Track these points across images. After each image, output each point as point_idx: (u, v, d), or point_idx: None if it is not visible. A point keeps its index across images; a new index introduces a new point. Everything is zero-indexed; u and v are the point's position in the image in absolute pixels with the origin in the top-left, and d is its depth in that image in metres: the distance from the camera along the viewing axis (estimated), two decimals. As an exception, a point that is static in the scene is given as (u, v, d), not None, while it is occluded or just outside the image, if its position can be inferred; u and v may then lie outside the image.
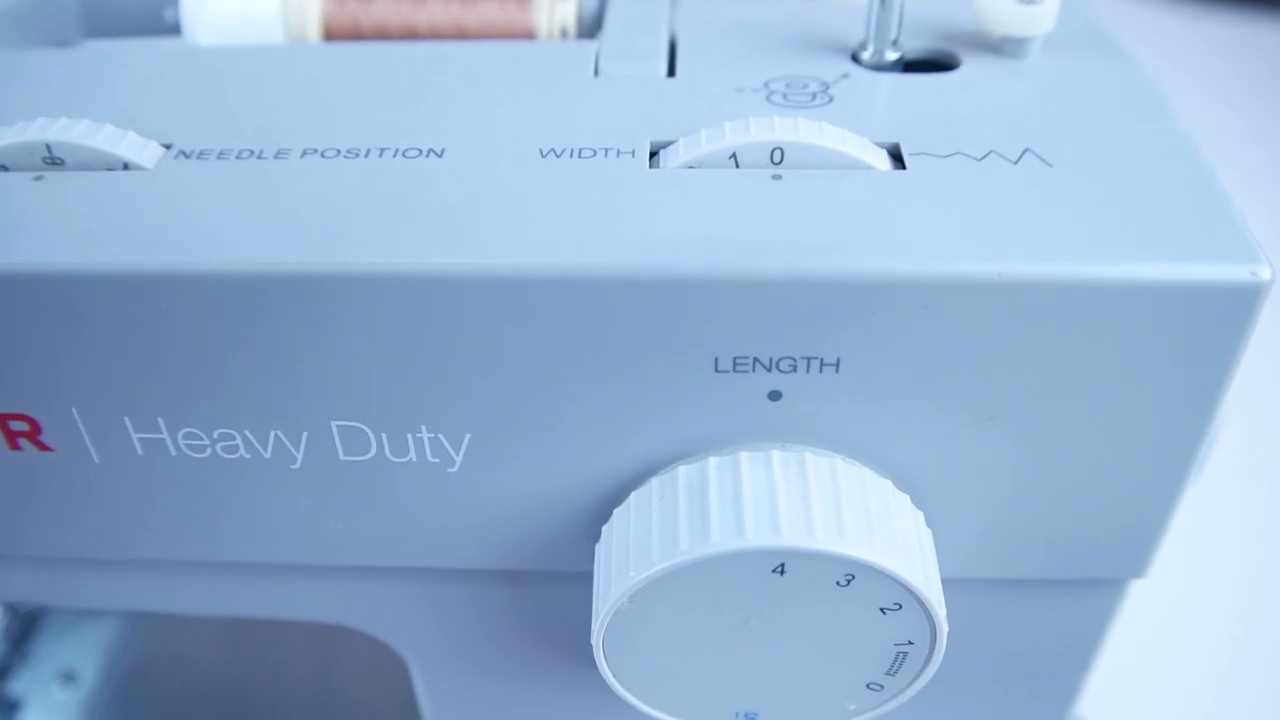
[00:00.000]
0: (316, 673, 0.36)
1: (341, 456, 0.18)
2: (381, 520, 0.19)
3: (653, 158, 0.18)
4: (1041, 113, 0.19)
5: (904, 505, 0.18)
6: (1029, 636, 0.21)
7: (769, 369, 0.17)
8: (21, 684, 0.34)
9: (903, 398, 0.17)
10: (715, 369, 0.17)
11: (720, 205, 0.17)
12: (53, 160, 0.18)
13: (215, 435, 0.18)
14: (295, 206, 0.17)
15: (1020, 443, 0.18)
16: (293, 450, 0.18)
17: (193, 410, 0.18)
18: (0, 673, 0.34)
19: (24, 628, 0.35)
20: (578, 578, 0.20)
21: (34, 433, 0.19)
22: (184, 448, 0.18)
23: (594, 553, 0.19)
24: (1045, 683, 0.23)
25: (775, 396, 0.17)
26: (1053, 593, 0.20)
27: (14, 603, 0.35)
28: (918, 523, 0.18)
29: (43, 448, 0.19)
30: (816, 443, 0.18)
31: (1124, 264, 0.16)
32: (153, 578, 0.22)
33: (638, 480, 0.18)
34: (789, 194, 0.17)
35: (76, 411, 0.18)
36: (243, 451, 0.18)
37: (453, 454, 0.18)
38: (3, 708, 0.33)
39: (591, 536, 0.19)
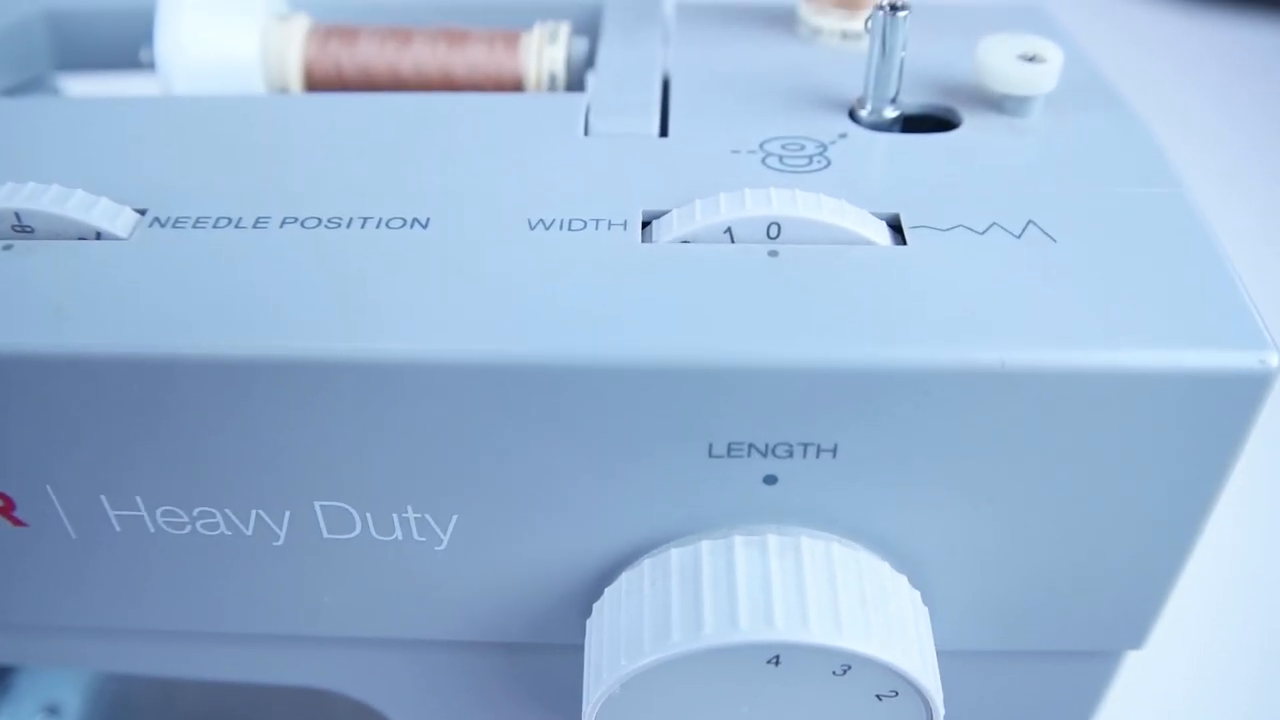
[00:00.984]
0: (304, 703, 0.35)
1: (325, 535, 0.18)
2: (367, 594, 0.19)
3: (645, 228, 0.18)
4: (1044, 178, 0.19)
5: (901, 587, 0.17)
6: (1025, 705, 0.21)
7: (764, 454, 0.16)
8: (4, 718, 0.33)
9: (901, 481, 0.17)
10: (709, 454, 0.16)
11: (714, 286, 0.16)
12: (22, 228, 0.18)
13: (195, 513, 0.18)
14: (274, 285, 0.16)
15: (1020, 522, 0.17)
16: (275, 529, 0.18)
17: (171, 489, 0.17)
18: (-18, 705, 0.34)
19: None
20: (569, 649, 0.19)
21: (8, 508, 0.18)
22: (163, 525, 0.18)
23: (585, 627, 0.18)
24: None
25: (770, 481, 0.17)
26: (1050, 663, 0.20)
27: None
28: (915, 604, 0.18)
29: (17, 523, 0.18)
30: (813, 524, 0.17)
31: (1128, 351, 0.15)
32: (132, 643, 0.21)
33: (629, 558, 0.18)
34: (786, 273, 0.17)
35: (51, 489, 0.18)
36: (224, 529, 0.18)
37: (440, 534, 0.18)
38: (-15, 741, 0.33)
39: (583, 611, 0.19)
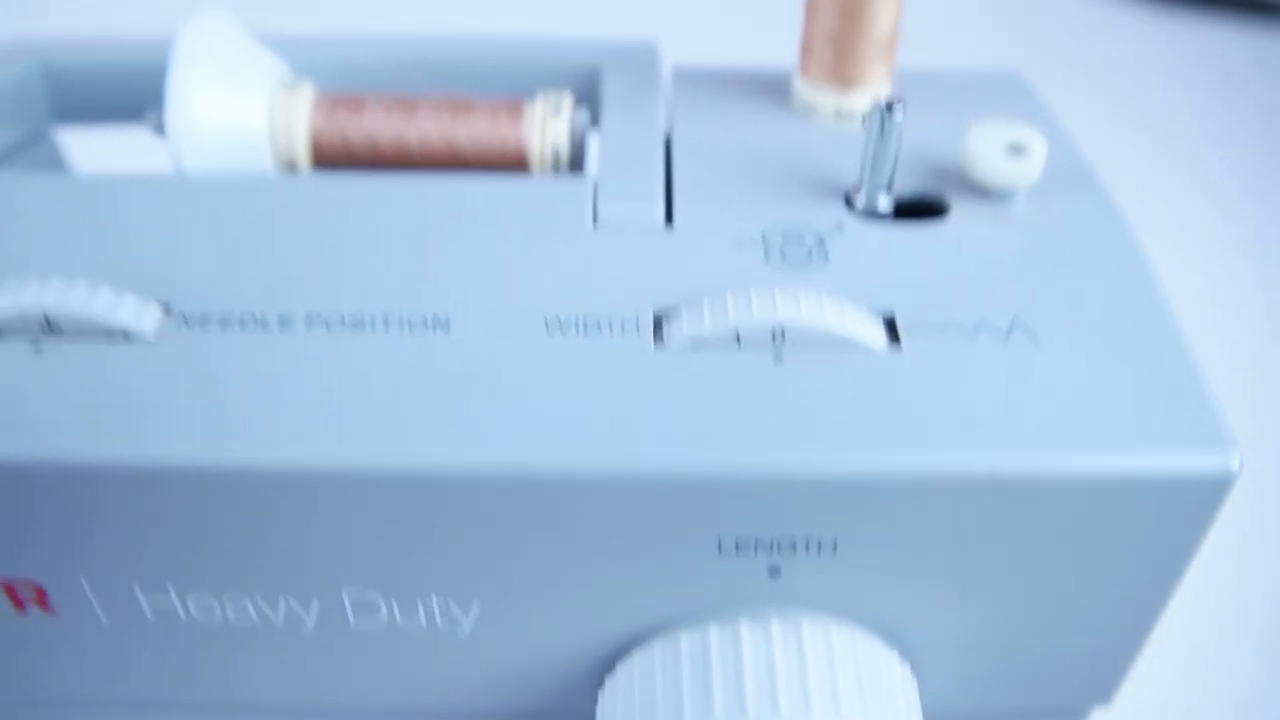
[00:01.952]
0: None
1: (352, 621, 0.19)
2: (389, 673, 0.20)
3: (657, 328, 0.19)
4: (1028, 273, 0.20)
5: (892, 664, 0.19)
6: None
7: (770, 550, 0.18)
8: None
9: (895, 571, 0.18)
10: (718, 551, 0.18)
11: (723, 394, 0.17)
12: (50, 328, 0.18)
13: (226, 601, 0.19)
14: (301, 393, 0.17)
15: (1002, 604, 0.19)
16: (304, 616, 0.19)
17: (203, 580, 0.18)
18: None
19: None
20: (579, 715, 0.20)
21: (40, 598, 0.19)
22: (194, 612, 0.19)
23: (596, 696, 0.20)
24: None
25: (774, 573, 0.18)
26: (1026, 719, 0.22)
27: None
28: (905, 679, 0.19)
29: (49, 609, 0.19)
30: (812, 608, 0.19)
31: (1104, 457, 0.17)
32: (158, 714, 0.22)
33: (642, 636, 0.19)
34: (790, 379, 0.18)
35: (85, 580, 0.18)
36: (254, 616, 0.19)
37: (462, 619, 0.19)
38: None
39: (594, 681, 0.20)
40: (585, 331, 0.18)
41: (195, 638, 0.19)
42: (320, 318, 0.19)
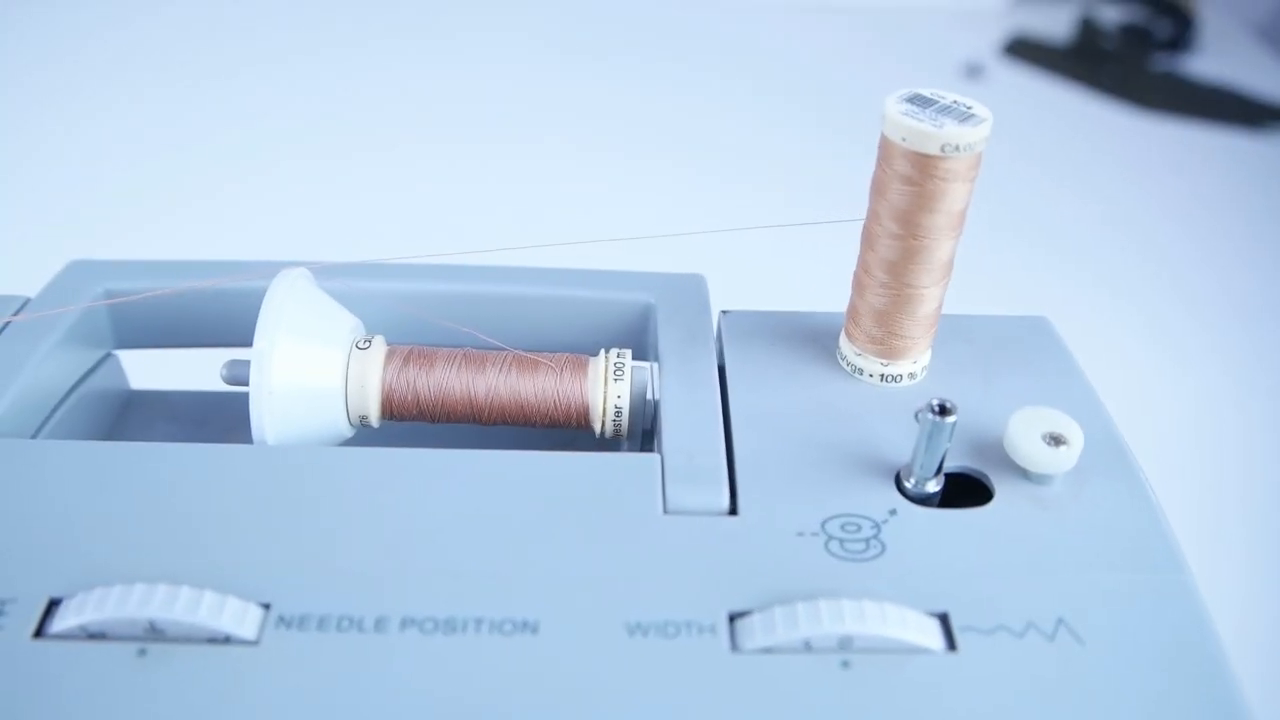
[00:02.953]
0: None
1: None
2: None
3: (732, 623, 0.20)
4: (1071, 567, 0.21)
5: None
6: None
7: None
8: None
9: None
10: None
11: (795, 698, 0.18)
12: (154, 631, 0.19)
13: None
14: (400, 700, 0.18)
15: None
16: None
17: None
18: None
19: None
20: None
21: None
22: None
23: None
24: None
25: None
26: None
27: None
28: None
29: None
30: None
31: None
32: None
33: None
34: (857, 684, 0.19)
35: None
36: None
37: None
38: None
39: None
40: (664, 635, 0.19)
41: None
42: (414, 622, 0.19)
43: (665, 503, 0.22)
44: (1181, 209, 0.97)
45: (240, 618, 0.19)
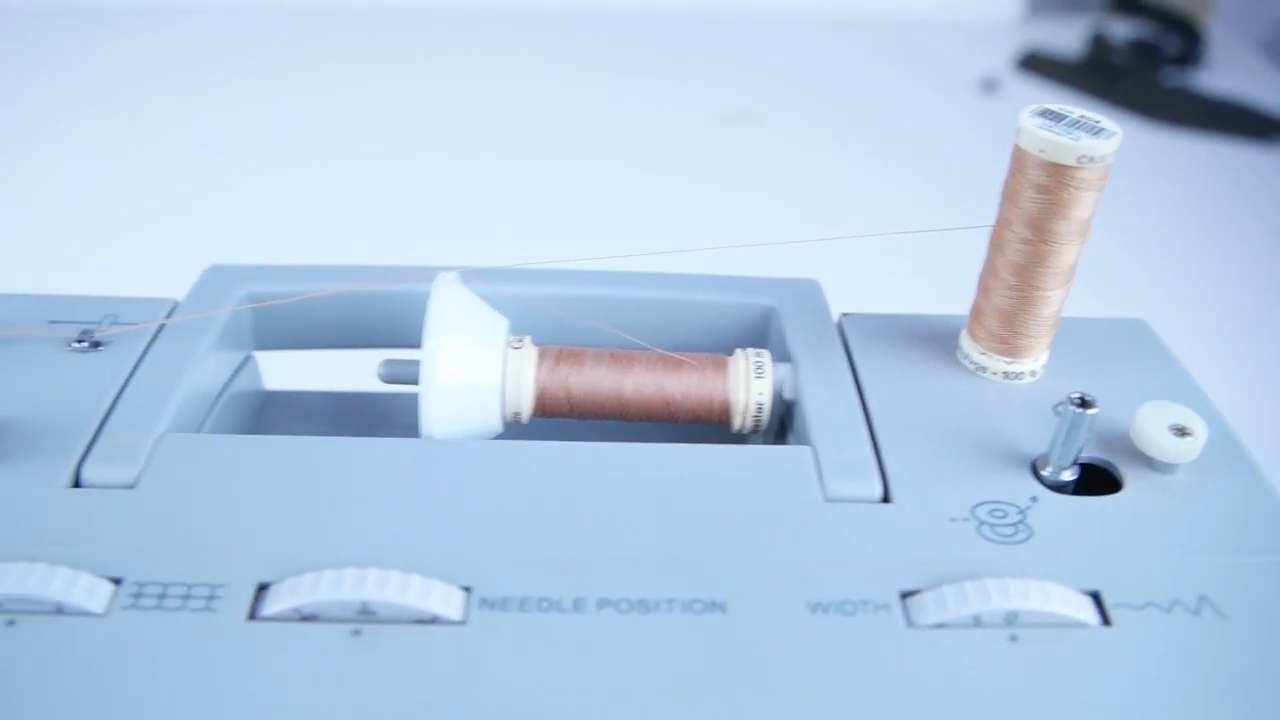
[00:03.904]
0: None
1: None
2: None
3: (904, 601, 0.21)
4: (1204, 549, 0.23)
5: None
6: None
7: None
8: None
9: None
10: None
11: (966, 673, 0.20)
12: (366, 613, 0.20)
13: None
14: (601, 678, 0.19)
15: None
16: None
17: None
18: None
19: None
20: None
21: None
22: None
23: None
24: None
25: None
26: None
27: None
28: None
29: None
30: None
31: None
32: None
33: None
34: (1026, 658, 0.20)
35: None
36: None
37: None
38: None
39: None
40: (843, 612, 0.21)
41: None
42: (609, 603, 0.21)
43: (824, 491, 0.23)
44: (1192, 219, 1.00)
45: (446, 599, 0.20)
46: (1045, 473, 0.24)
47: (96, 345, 0.26)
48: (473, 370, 0.25)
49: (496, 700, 0.19)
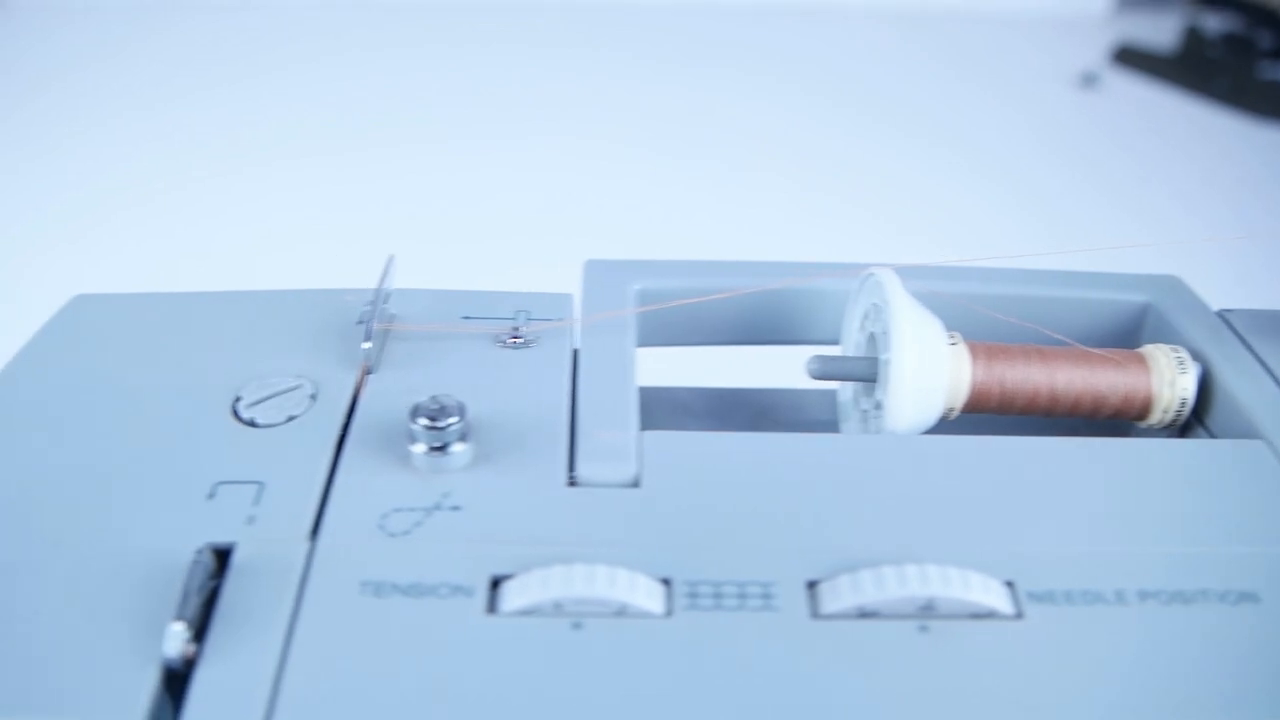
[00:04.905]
0: None
1: None
2: None
3: None
4: None
5: None
6: None
7: None
8: None
9: None
10: None
11: None
12: (928, 609, 0.20)
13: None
14: (1148, 668, 0.20)
15: None
16: None
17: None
18: None
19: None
20: None
21: None
22: None
23: None
24: None
25: None
26: None
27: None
28: None
29: None
30: None
31: None
32: None
33: None
34: None
35: None
36: None
37: None
38: None
39: None
40: None
41: None
42: (1149, 593, 0.21)
43: None
44: None
45: (999, 594, 0.21)
46: None
47: (524, 342, 0.27)
48: (928, 368, 0.26)
49: (1055, 693, 0.19)
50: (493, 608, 0.20)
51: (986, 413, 0.27)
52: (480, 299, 0.29)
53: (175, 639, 0.19)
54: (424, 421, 0.22)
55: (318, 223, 0.88)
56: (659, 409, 0.32)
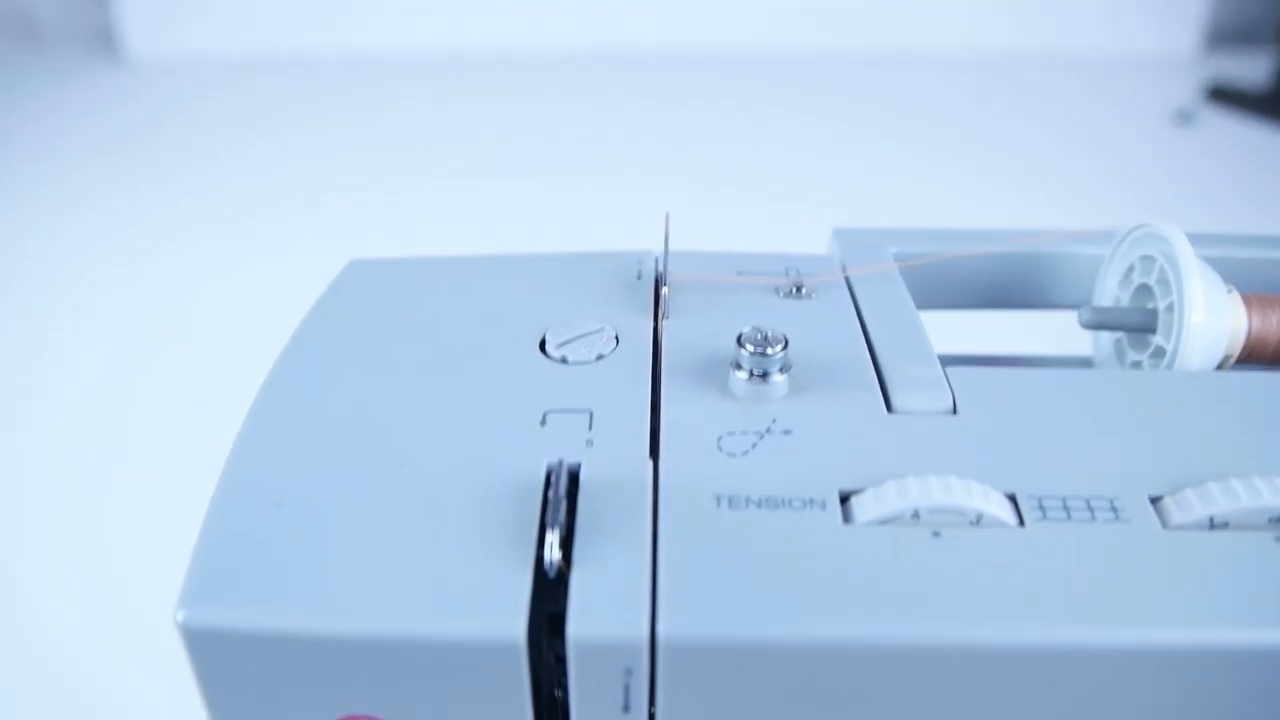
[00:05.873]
0: None
1: None
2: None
3: None
4: None
5: None
6: None
7: None
8: None
9: None
10: None
11: None
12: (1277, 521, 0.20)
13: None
14: None
15: None
16: None
17: None
18: None
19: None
20: None
21: None
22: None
23: None
24: None
25: None
26: None
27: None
28: None
29: None
30: None
31: None
32: None
33: None
34: None
35: None
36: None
37: None
38: None
39: None
40: None
41: None
42: None
43: None
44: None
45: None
46: None
47: (804, 293, 0.28)
48: (1215, 310, 0.26)
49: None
50: (848, 518, 0.21)
51: (1260, 362, 0.27)
52: (748, 259, 0.30)
53: (552, 547, 0.19)
54: (750, 348, 0.23)
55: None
56: None
